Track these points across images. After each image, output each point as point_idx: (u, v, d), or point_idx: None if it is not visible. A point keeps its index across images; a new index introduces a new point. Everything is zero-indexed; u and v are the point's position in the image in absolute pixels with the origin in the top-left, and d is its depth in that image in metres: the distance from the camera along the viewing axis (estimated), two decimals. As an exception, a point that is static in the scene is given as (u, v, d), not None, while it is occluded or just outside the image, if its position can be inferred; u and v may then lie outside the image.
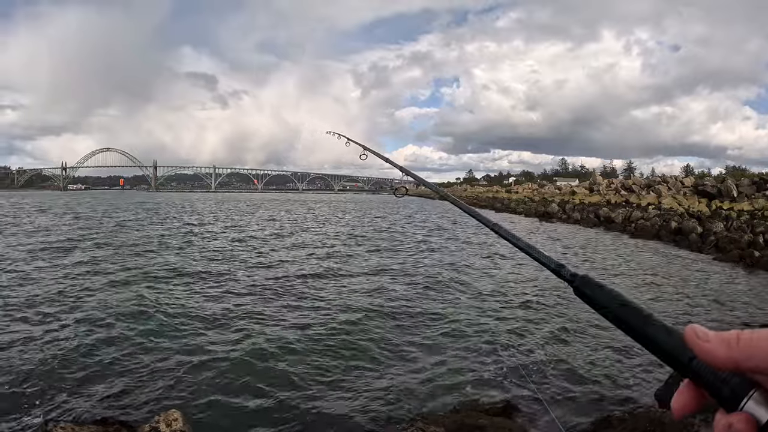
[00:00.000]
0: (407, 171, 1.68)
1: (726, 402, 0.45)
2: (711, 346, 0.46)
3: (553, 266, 0.64)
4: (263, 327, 7.24)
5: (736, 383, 0.45)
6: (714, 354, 0.45)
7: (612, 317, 0.54)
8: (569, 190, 56.92)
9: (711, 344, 0.46)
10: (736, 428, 0.43)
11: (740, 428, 0.43)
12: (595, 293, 0.57)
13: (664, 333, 0.49)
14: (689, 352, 0.47)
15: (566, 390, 5.31)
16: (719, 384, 0.45)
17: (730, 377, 0.45)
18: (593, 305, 0.57)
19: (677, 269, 13.79)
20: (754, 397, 0.44)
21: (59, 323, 7.21)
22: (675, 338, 0.48)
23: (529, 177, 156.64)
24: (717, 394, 0.46)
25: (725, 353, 0.45)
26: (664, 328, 0.49)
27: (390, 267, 13.15)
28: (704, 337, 0.46)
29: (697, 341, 0.46)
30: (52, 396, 4.84)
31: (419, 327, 7.49)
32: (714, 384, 0.46)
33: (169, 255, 14.78)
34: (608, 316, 0.55)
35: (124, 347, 6.25)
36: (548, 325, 7.70)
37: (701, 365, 0.46)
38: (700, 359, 0.46)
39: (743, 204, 27.60)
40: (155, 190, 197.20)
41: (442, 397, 5.10)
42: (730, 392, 0.45)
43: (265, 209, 49.56)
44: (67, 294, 9.14)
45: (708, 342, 0.46)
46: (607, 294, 0.56)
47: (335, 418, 4.62)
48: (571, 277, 0.61)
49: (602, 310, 0.56)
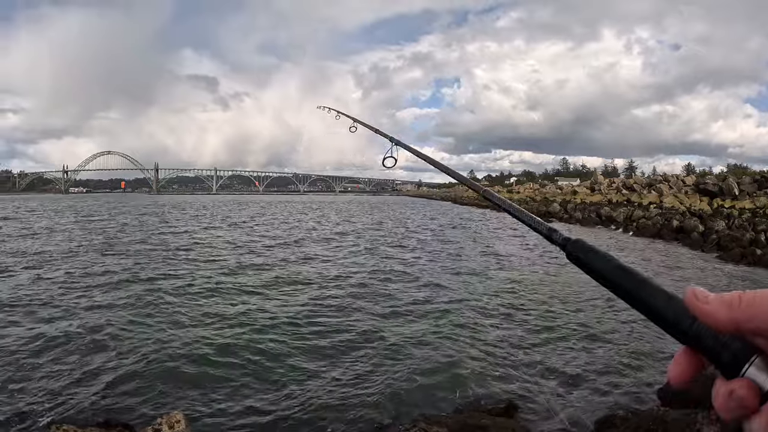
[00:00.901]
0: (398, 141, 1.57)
1: (726, 368, 0.43)
2: (711, 307, 0.44)
3: (544, 231, 0.62)
4: (267, 329, 7.24)
5: (737, 348, 0.43)
6: (715, 316, 0.44)
7: (607, 282, 0.52)
8: (570, 190, 56.88)
9: (711, 306, 0.44)
10: (738, 395, 0.42)
11: (742, 394, 0.41)
12: (588, 257, 0.55)
13: (663, 297, 0.47)
14: (689, 318, 0.45)
15: (569, 389, 5.30)
16: (720, 349, 0.44)
17: (731, 342, 0.43)
18: (587, 270, 0.54)
19: (679, 267, 13.75)
20: (755, 363, 0.42)
21: (61, 325, 7.21)
22: (675, 303, 0.47)
23: (530, 177, 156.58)
24: (717, 360, 0.44)
25: (726, 314, 0.43)
26: (662, 293, 0.48)
27: (388, 266, 13.13)
28: (704, 299, 0.45)
29: (697, 303, 0.45)
30: (55, 397, 4.84)
31: (420, 327, 7.48)
32: (714, 349, 0.44)
33: (174, 258, 14.79)
34: (603, 281, 0.52)
35: (126, 349, 6.25)
36: (550, 324, 7.68)
37: (702, 329, 0.45)
38: (701, 321, 0.45)
39: (745, 202, 27.57)
40: (157, 192, 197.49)
41: (444, 397, 5.09)
42: (731, 357, 0.43)
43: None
44: (69, 296, 9.15)
45: (708, 303, 0.45)
46: (601, 258, 0.53)
47: (337, 418, 4.61)
48: (563, 241, 0.58)
49: (597, 274, 0.53)
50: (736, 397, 0.42)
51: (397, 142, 1.57)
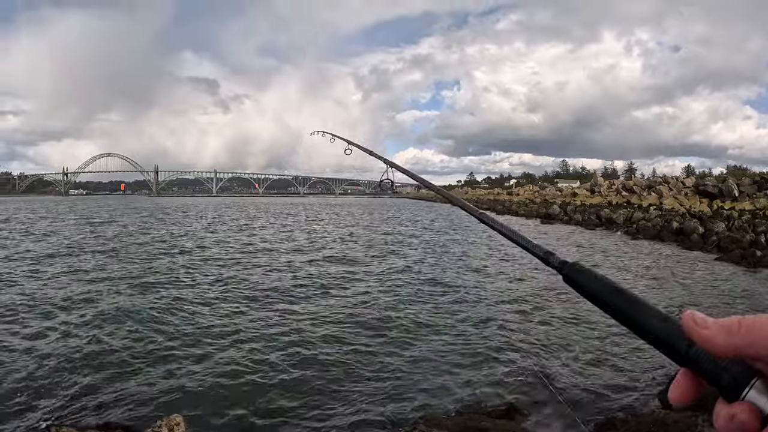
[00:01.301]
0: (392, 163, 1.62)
1: (727, 391, 0.43)
2: (710, 333, 0.44)
3: (541, 254, 0.63)
4: (267, 333, 7.23)
5: (737, 371, 0.42)
6: (714, 341, 0.43)
7: (603, 304, 0.52)
8: (570, 192, 56.94)
9: (710, 331, 0.44)
10: (739, 419, 0.41)
11: (744, 419, 0.41)
12: (585, 281, 0.55)
13: (659, 320, 0.47)
14: (686, 340, 0.45)
15: (569, 392, 5.29)
16: (719, 372, 0.43)
17: (731, 365, 0.43)
18: (584, 293, 0.55)
19: (679, 269, 13.74)
20: (756, 386, 0.42)
21: (61, 327, 7.20)
22: (671, 326, 0.46)
23: (530, 179, 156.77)
24: (717, 383, 0.43)
25: (725, 340, 0.43)
26: (659, 315, 0.47)
27: (390, 270, 13.13)
28: (703, 324, 0.44)
29: (696, 328, 0.44)
30: (55, 400, 4.83)
31: (421, 329, 7.47)
32: (713, 372, 0.44)
33: (177, 261, 14.79)
34: (600, 304, 0.53)
35: (126, 351, 6.24)
36: (550, 326, 7.68)
37: (700, 353, 0.44)
38: (699, 347, 0.44)
39: (744, 204, 27.58)
40: (156, 194, 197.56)
41: (444, 399, 5.08)
42: (731, 381, 0.43)
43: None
44: (69, 298, 9.14)
45: (707, 329, 0.44)
46: (598, 281, 0.54)
47: (337, 421, 4.60)
48: (560, 264, 0.59)
49: (593, 297, 0.54)
50: (738, 422, 0.41)
51: (392, 165, 1.61)
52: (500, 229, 0.73)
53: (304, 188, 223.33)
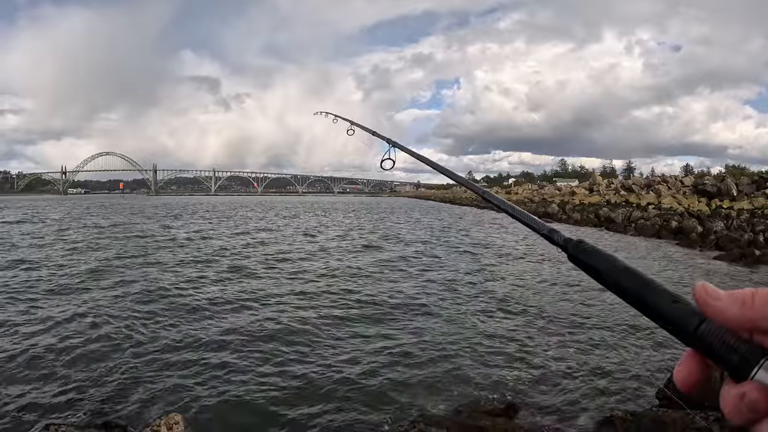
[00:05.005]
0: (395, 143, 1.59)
1: (735, 371, 0.42)
2: (723, 304, 0.42)
3: (544, 232, 0.61)
4: (267, 332, 7.22)
5: (746, 350, 0.41)
6: (726, 313, 0.42)
7: (609, 283, 0.50)
8: (569, 191, 56.93)
9: (723, 302, 0.43)
10: (749, 398, 0.40)
11: (754, 398, 0.40)
12: (590, 258, 0.53)
13: (668, 299, 0.46)
14: (695, 320, 0.44)
15: (568, 390, 5.30)
16: (728, 351, 0.42)
17: (739, 344, 0.42)
18: (589, 271, 0.53)
19: (677, 267, 13.76)
20: (765, 365, 0.40)
21: (59, 326, 7.18)
22: (680, 304, 0.45)
23: (528, 178, 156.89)
24: (725, 362, 0.42)
25: (738, 312, 0.42)
26: (667, 294, 0.46)
27: (388, 265, 13.13)
28: (715, 295, 0.43)
29: (708, 299, 0.43)
30: (53, 399, 4.82)
31: (419, 327, 7.47)
32: (722, 352, 0.42)
33: (176, 259, 14.76)
34: (605, 283, 0.51)
35: (125, 350, 6.23)
36: (550, 324, 7.68)
37: (709, 331, 0.43)
38: (710, 318, 0.43)
39: (743, 203, 27.63)
40: (155, 194, 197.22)
41: (443, 398, 5.08)
42: (740, 360, 0.41)
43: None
44: (68, 296, 9.13)
45: (719, 300, 0.43)
46: (603, 259, 0.52)
47: (336, 419, 4.60)
48: (564, 242, 0.57)
49: (598, 276, 0.52)
50: (748, 401, 0.40)
51: (394, 144, 1.58)
52: (504, 207, 0.74)
53: (302, 187, 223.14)
